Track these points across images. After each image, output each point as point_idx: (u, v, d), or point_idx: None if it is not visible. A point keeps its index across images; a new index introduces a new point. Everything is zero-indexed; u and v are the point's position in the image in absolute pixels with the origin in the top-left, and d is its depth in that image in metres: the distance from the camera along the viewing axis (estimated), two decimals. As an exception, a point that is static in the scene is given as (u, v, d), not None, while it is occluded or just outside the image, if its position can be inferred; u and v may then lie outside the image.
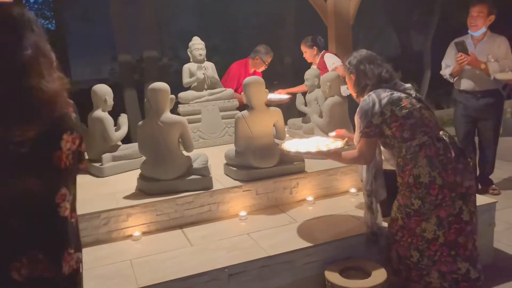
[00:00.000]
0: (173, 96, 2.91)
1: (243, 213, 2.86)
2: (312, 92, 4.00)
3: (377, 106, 2.18)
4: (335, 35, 5.18)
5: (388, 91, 2.23)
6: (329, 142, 2.45)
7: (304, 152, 2.36)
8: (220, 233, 2.67)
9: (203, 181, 2.86)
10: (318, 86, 3.86)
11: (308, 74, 4.07)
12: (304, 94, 4.16)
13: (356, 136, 2.28)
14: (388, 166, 2.44)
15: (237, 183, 2.96)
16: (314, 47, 4.70)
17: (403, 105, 2.18)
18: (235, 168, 3.03)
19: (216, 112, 4.14)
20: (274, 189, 3.01)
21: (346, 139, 2.46)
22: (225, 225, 2.79)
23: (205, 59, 4.22)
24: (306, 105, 4.10)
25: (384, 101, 2.19)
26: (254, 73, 4.84)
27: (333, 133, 2.59)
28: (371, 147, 2.24)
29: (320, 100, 3.78)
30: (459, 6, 10.69)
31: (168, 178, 2.82)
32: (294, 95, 4.36)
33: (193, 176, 2.87)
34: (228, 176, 3.11)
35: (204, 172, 2.87)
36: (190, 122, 3.95)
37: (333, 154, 2.32)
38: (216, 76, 4.26)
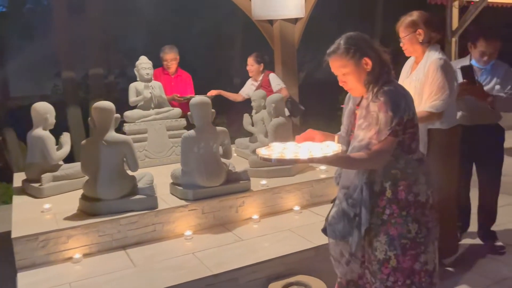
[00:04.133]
0: (118, 115, 2.89)
1: (188, 232, 2.86)
2: (259, 112, 4.11)
3: (408, 101, 1.81)
4: (281, 58, 5.37)
5: (403, 88, 1.87)
6: (322, 148, 1.77)
7: (311, 158, 1.68)
8: (165, 253, 2.65)
9: (148, 200, 2.83)
10: (264, 107, 3.98)
11: (255, 95, 4.18)
12: (251, 114, 4.26)
13: (381, 132, 1.76)
14: None
15: (183, 202, 2.96)
16: (262, 63, 4.85)
17: (413, 110, 1.83)
18: (181, 187, 3.04)
19: (163, 131, 4.14)
20: (220, 207, 3.04)
21: (336, 137, 1.89)
22: (170, 245, 2.77)
23: (152, 78, 4.23)
24: (253, 125, 4.20)
25: (409, 98, 1.82)
26: (177, 73, 4.84)
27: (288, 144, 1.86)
28: (393, 147, 1.79)
29: (266, 121, 3.89)
30: (395, 34, 11.43)
31: (112, 198, 2.77)
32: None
33: (137, 196, 2.84)
34: (174, 195, 3.10)
35: (149, 191, 2.85)
36: (136, 141, 3.94)
37: (341, 159, 1.75)
38: (164, 96, 4.27)
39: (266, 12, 5.16)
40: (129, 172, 2.92)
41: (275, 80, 4.79)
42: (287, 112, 4.04)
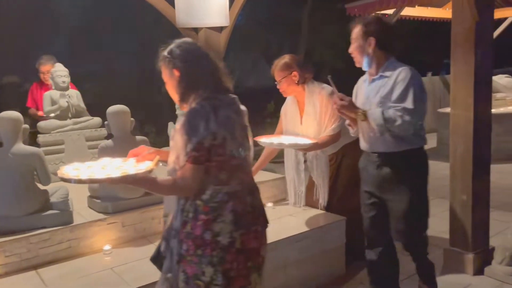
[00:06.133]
0: (26, 126, 2.71)
1: (107, 247, 2.73)
2: (184, 121, 4.07)
3: (212, 124, 1.57)
4: (207, 66, 5.37)
5: (226, 108, 1.64)
6: (131, 166, 1.70)
7: (102, 178, 1.56)
8: (81, 270, 2.51)
9: (62, 215, 2.68)
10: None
11: (179, 103, 4.13)
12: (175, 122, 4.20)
13: (179, 158, 1.60)
14: None
15: (101, 216, 2.83)
16: None
17: (236, 135, 1.65)
18: (99, 200, 2.91)
19: (82, 142, 3.95)
20: (142, 219, 2.94)
21: (157, 157, 1.75)
22: (87, 261, 2.63)
23: (69, 87, 4.03)
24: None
25: (221, 120, 1.59)
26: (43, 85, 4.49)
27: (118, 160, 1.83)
28: (200, 176, 1.59)
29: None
30: (321, 44, 11.95)
31: (20, 215, 2.58)
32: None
33: (50, 211, 2.67)
34: (92, 209, 2.96)
35: (63, 206, 2.69)
36: (51, 153, 3.73)
37: (145, 181, 1.59)
38: (82, 105, 4.09)
39: (190, 20, 5.13)
40: (41, 186, 2.74)
41: None
42: None
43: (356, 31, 2.39)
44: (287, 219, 3.17)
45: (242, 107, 1.75)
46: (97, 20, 10.34)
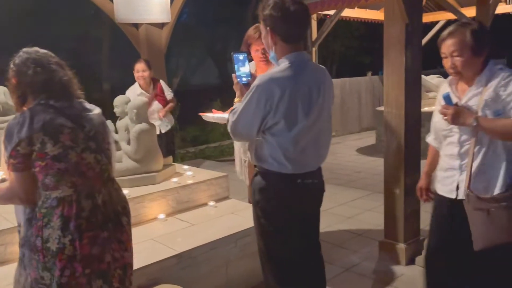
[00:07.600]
0: None
1: (37, 252, 2.58)
2: (123, 119, 3.93)
3: (25, 130, 1.57)
4: (148, 63, 5.24)
5: (51, 113, 1.63)
6: None
7: None
8: (8, 278, 2.34)
9: (-15, 221, 2.50)
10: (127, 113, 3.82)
11: (117, 101, 3.98)
12: (114, 121, 4.05)
13: (3, 164, 1.67)
14: None
15: (31, 219, 2.67)
16: (151, 69, 4.57)
17: (61, 139, 1.62)
18: (28, 203, 2.74)
19: (10, 142, 3.70)
20: (76, 222, 2.81)
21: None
22: (14, 268, 2.47)
23: (-4, 83, 3.77)
24: (116, 132, 3.99)
25: (38, 125, 1.58)
26: None
27: None
28: (26, 183, 1.62)
29: (131, 127, 3.74)
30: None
31: None
32: None
33: (-29, 217, 2.49)
34: (20, 212, 2.79)
35: (-14, 210, 2.52)
36: (-25, 154, 3.46)
37: None
38: (10, 102, 3.83)
39: (130, 16, 5.01)
40: (-39, 190, 2.54)
41: (167, 87, 4.61)
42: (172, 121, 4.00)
43: (261, 21, 1.90)
44: (228, 217, 3.17)
45: (96, 111, 1.80)
46: (32, 13, 9.77)
